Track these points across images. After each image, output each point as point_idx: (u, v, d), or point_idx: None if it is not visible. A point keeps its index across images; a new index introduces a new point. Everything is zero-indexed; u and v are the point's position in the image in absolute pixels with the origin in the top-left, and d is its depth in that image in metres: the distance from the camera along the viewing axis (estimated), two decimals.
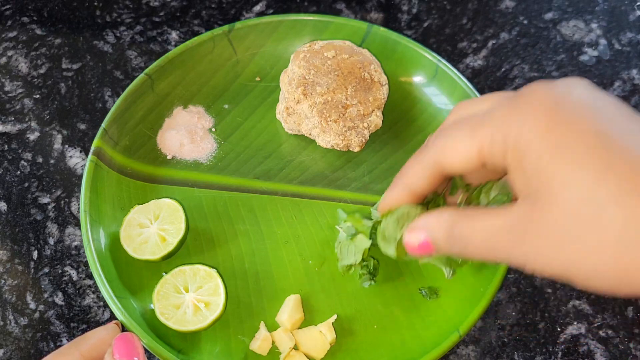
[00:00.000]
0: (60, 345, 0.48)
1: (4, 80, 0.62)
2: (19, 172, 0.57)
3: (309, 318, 0.47)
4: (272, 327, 0.46)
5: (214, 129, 0.56)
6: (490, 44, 0.64)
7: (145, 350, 0.43)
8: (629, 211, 0.26)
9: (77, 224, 0.54)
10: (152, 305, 0.45)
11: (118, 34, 0.65)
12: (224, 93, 0.58)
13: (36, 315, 0.50)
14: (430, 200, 0.41)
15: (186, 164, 0.54)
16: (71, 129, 0.59)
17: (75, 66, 0.63)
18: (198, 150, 0.55)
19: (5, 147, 0.58)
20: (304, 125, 0.53)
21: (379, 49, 0.57)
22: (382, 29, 0.58)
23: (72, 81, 0.62)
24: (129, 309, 0.45)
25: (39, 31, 0.65)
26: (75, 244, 0.53)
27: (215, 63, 0.58)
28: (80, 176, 0.56)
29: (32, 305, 0.50)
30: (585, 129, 0.28)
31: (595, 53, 0.63)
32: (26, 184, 0.56)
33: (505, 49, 0.64)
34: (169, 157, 0.54)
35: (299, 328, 0.46)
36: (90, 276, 0.51)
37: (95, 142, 0.51)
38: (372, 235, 0.49)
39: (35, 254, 0.52)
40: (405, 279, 0.49)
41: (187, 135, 0.55)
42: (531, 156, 0.29)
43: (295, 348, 0.45)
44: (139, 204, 0.49)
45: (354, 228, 0.46)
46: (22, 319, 0.50)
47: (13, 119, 0.59)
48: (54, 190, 0.55)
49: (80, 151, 0.57)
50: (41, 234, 0.53)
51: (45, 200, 0.55)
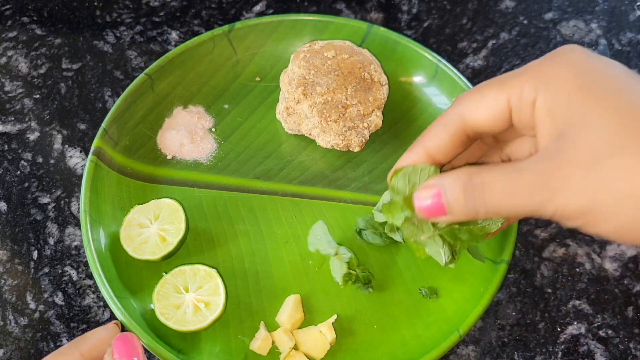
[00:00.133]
0: (60, 345, 0.48)
1: (4, 80, 0.62)
2: (19, 172, 0.57)
3: (309, 318, 0.47)
4: (272, 327, 0.46)
5: (214, 129, 0.56)
6: (490, 44, 0.64)
7: (145, 350, 0.43)
8: None
9: (77, 224, 0.54)
10: (152, 305, 0.45)
11: (118, 34, 0.65)
12: (224, 93, 0.58)
13: (36, 315, 0.50)
14: None
15: (186, 164, 0.54)
16: (71, 129, 0.59)
17: (75, 66, 0.63)
18: (198, 150, 0.55)
19: (5, 147, 0.58)
20: (304, 125, 0.53)
21: (379, 49, 0.57)
22: (382, 29, 0.58)
23: (72, 81, 0.62)
24: (129, 309, 0.45)
25: (39, 31, 0.65)
26: (75, 244, 0.53)
27: (215, 63, 0.58)
28: (80, 176, 0.56)
29: (32, 305, 0.50)
30: (615, 86, 0.30)
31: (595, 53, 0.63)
32: (26, 184, 0.56)
33: (505, 49, 0.64)
34: (169, 157, 0.54)
35: (299, 328, 0.46)
36: (90, 276, 0.51)
37: (95, 142, 0.51)
38: (383, 234, 0.49)
39: (35, 254, 0.52)
40: (405, 279, 0.49)
41: (187, 135, 0.55)
42: (563, 99, 0.31)
43: (295, 348, 0.45)
44: (139, 204, 0.49)
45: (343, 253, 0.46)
46: (22, 319, 0.50)
47: (13, 119, 0.59)
48: (54, 190, 0.55)
49: (80, 151, 0.57)
50: (41, 234, 0.53)
51: (45, 200, 0.55)
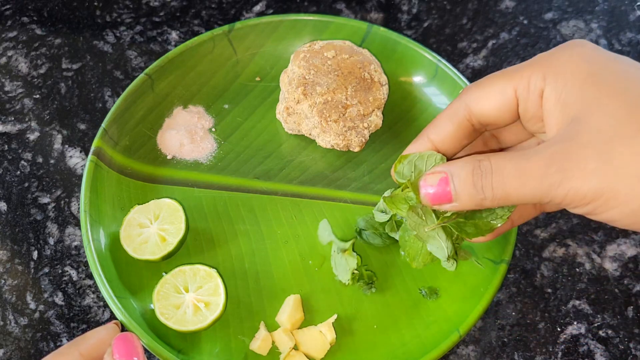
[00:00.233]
0: (60, 345, 0.48)
1: (4, 80, 0.62)
2: (19, 172, 0.57)
3: (309, 318, 0.47)
4: (272, 327, 0.46)
5: (214, 129, 0.56)
6: (490, 44, 0.64)
7: (145, 350, 0.43)
8: None
9: (77, 224, 0.54)
10: (152, 305, 0.45)
11: (118, 34, 0.65)
12: (224, 93, 0.58)
13: (36, 315, 0.50)
14: None
15: (186, 164, 0.54)
16: (71, 129, 0.59)
17: (75, 66, 0.63)
18: (198, 150, 0.55)
19: (5, 147, 0.58)
20: (304, 125, 0.53)
21: (379, 49, 0.57)
22: (382, 29, 0.58)
23: (72, 81, 0.62)
24: (129, 309, 0.45)
25: (39, 31, 0.65)
26: (75, 244, 0.53)
27: (215, 63, 0.58)
28: (80, 176, 0.56)
29: (32, 305, 0.50)
30: (626, 76, 0.31)
31: None
32: (26, 184, 0.56)
33: (505, 49, 0.64)
34: (169, 157, 0.54)
35: (299, 328, 0.46)
36: (90, 276, 0.51)
37: (95, 142, 0.51)
38: (383, 234, 0.49)
39: (35, 254, 0.52)
40: (405, 279, 0.49)
41: (187, 135, 0.55)
42: (574, 86, 0.31)
43: (295, 348, 0.45)
44: (139, 204, 0.49)
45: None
46: (22, 319, 0.50)
47: (13, 119, 0.59)
48: (54, 190, 0.55)
49: (80, 151, 0.57)
50: (41, 234, 0.53)
51: (45, 200, 0.55)
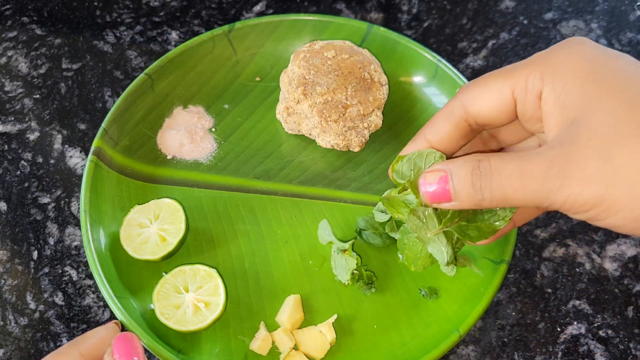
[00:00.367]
0: (60, 345, 0.48)
1: (4, 80, 0.62)
2: (19, 172, 0.57)
3: (309, 318, 0.47)
4: (272, 327, 0.46)
5: (214, 129, 0.56)
6: (490, 44, 0.64)
7: (145, 350, 0.43)
8: None
9: (77, 224, 0.54)
10: (152, 305, 0.45)
11: (118, 34, 0.65)
12: (224, 93, 0.58)
13: (36, 315, 0.50)
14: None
15: (186, 164, 0.54)
16: (71, 129, 0.59)
17: (75, 66, 0.63)
18: (198, 150, 0.55)
19: (5, 147, 0.58)
20: (304, 125, 0.53)
21: (379, 49, 0.57)
22: (382, 29, 0.58)
23: (72, 81, 0.62)
24: (129, 309, 0.45)
25: (39, 31, 0.65)
26: (75, 244, 0.53)
27: (215, 63, 0.58)
28: (80, 176, 0.56)
29: (32, 305, 0.50)
30: (626, 74, 0.30)
31: None
32: (26, 184, 0.56)
33: (505, 49, 0.64)
34: (169, 157, 0.54)
35: (299, 328, 0.46)
36: (90, 276, 0.51)
37: (95, 142, 0.51)
38: (383, 234, 0.49)
39: (35, 254, 0.52)
40: (405, 279, 0.49)
41: (187, 135, 0.55)
42: (573, 88, 0.30)
43: (295, 348, 0.45)
44: (139, 204, 0.49)
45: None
46: (22, 319, 0.50)
47: (13, 119, 0.59)
48: (54, 190, 0.55)
49: (80, 151, 0.57)
50: (41, 234, 0.53)
51: (45, 200, 0.55)
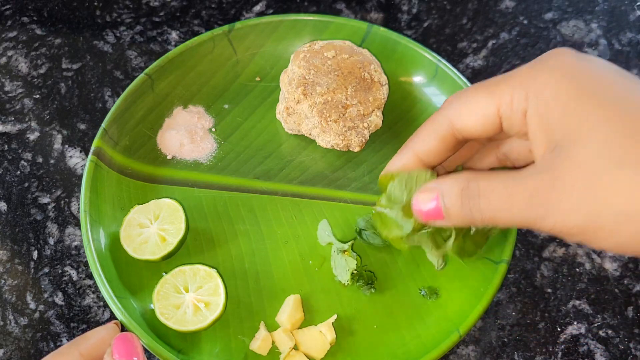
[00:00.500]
0: (60, 345, 0.48)
1: (4, 80, 0.62)
2: (19, 172, 0.57)
3: (309, 318, 0.47)
4: (272, 327, 0.46)
5: (214, 129, 0.56)
6: (490, 44, 0.64)
7: (145, 350, 0.43)
8: None
9: (77, 224, 0.54)
10: (152, 305, 0.45)
11: (118, 34, 0.65)
12: (224, 93, 0.58)
13: (36, 315, 0.50)
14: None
15: (186, 164, 0.54)
16: (71, 129, 0.59)
17: (75, 66, 0.63)
18: (198, 150, 0.55)
19: (5, 147, 0.58)
20: (304, 125, 0.53)
21: (379, 49, 0.57)
22: (382, 29, 0.58)
23: (72, 81, 0.62)
24: (129, 309, 0.45)
25: (39, 31, 0.65)
26: (75, 244, 0.53)
27: (215, 63, 0.58)
28: (80, 176, 0.56)
29: (32, 305, 0.50)
30: (609, 91, 0.29)
31: (595, 53, 0.63)
32: (26, 184, 0.56)
33: (505, 49, 0.64)
34: (169, 157, 0.54)
35: (299, 328, 0.46)
36: (90, 276, 0.51)
37: (95, 142, 0.51)
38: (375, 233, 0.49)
39: (35, 254, 0.52)
40: (405, 279, 0.49)
41: (187, 135, 0.55)
42: (556, 109, 0.30)
43: (295, 348, 0.45)
44: (139, 204, 0.49)
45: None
46: (22, 319, 0.50)
47: (13, 119, 0.59)
48: (54, 190, 0.55)
49: (80, 151, 0.57)
50: (41, 234, 0.53)
51: (45, 200, 0.55)
